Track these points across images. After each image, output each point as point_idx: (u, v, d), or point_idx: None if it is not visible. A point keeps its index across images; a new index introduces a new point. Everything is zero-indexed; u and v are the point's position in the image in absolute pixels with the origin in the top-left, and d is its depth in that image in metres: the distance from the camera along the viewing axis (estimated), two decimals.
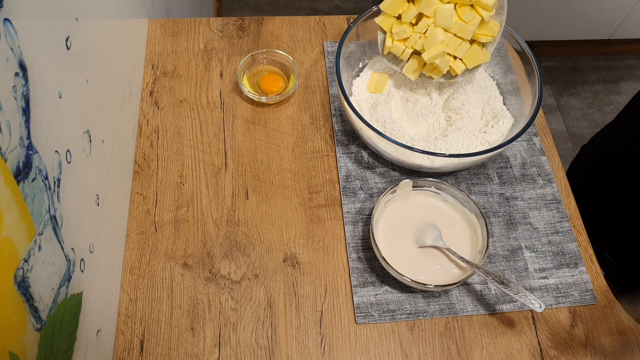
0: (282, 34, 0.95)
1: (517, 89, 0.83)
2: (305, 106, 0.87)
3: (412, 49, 0.78)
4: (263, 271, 0.73)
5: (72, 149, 0.55)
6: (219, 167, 0.80)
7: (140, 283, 0.71)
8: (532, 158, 0.84)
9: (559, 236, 0.77)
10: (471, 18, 0.73)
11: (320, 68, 0.91)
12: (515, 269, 0.74)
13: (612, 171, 0.87)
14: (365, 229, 0.76)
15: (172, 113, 0.85)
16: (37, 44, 0.47)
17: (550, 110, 1.99)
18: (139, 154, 0.81)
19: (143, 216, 0.76)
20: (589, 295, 0.73)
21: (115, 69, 0.73)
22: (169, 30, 0.93)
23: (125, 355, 0.67)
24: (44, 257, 0.47)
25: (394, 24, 0.78)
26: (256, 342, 0.68)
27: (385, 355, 0.68)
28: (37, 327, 0.45)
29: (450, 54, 0.77)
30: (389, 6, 0.75)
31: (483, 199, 0.80)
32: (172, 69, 0.89)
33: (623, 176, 0.84)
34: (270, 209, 0.77)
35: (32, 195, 0.45)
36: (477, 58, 0.77)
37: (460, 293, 0.72)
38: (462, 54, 0.77)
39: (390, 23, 0.78)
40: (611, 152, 0.89)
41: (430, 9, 0.73)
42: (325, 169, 0.81)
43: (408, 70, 0.80)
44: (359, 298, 0.71)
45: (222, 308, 0.70)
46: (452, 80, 0.81)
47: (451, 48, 0.76)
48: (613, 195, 0.86)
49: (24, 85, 0.44)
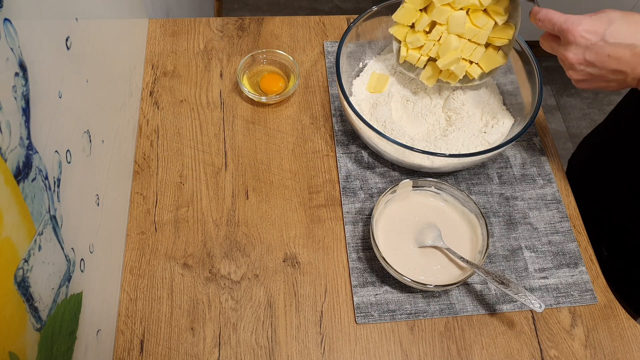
0: (282, 34, 0.95)
1: (517, 89, 0.83)
2: (305, 106, 0.87)
3: (427, 56, 0.79)
4: (263, 271, 0.73)
5: (72, 149, 0.55)
6: (219, 167, 0.80)
7: (140, 283, 0.71)
8: (532, 158, 0.84)
9: (559, 236, 0.77)
10: (484, 23, 0.74)
11: (320, 68, 0.91)
12: (515, 269, 0.74)
13: (607, 166, 0.87)
14: (365, 229, 0.76)
15: (172, 113, 0.85)
16: (37, 44, 0.47)
17: (550, 110, 1.99)
18: (139, 154, 0.81)
19: (143, 216, 0.76)
20: (589, 295, 0.73)
21: (115, 69, 0.73)
22: (169, 30, 0.93)
23: (125, 355, 0.67)
24: (44, 257, 0.47)
25: (408, 33, 0.78)
26: (256, 342, 0.68)
27: (385, 355, 0.68)
28: (37, 327, 0.45)
29: (466, 59, 0.78)
30: (401, 16, 0.76)
31: (483, 199, 0.80)
32: (172, 69, 0.89)
33: (618, 171, 0.84)
34: (270, 209, 0.77)
35: (32, 195, 0.45)
36: (493, 61, 0.77)
37: (460, 293, 0.72)
38: (477, 58, 0.77)
39: (404, 32, 0.79)
40: (605, 147, 0.89)
41: (442, 16, 0.74)
42: (325, 169, 0.81)
43: (424, 77, 0.81)
44: (359, 298, 0.71)
45: (222, 308, 0.70)
46: (470, 84, 0.81)
47: (466, 53, 0.77)
48: (609, 190, 0.86)
49: (24, 85, 0.44)
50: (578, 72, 0.63)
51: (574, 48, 0.61)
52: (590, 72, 0.63)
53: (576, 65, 0.62)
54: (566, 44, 0.62)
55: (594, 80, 0.64)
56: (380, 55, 0.89)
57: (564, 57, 0.63)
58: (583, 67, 0.62)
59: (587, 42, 0.60)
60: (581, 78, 0.64)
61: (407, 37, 0.78)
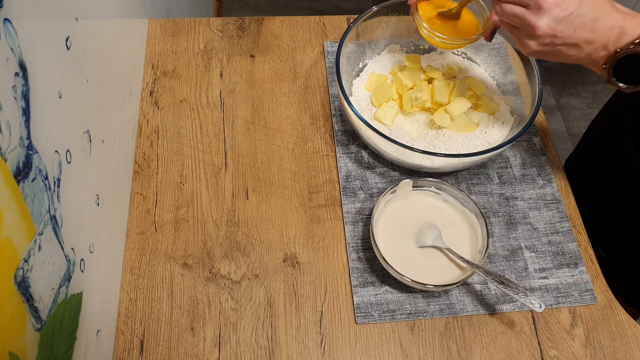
0: (282, 34, 0.95)
1: (517, 89, 0.83)
2: (305, 106, 0.87)
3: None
4: (263, 271, 0.73)
5: (72, 149, 0.55)
6: (219, 167, 0.80)
7: (140, 283, 0.71)
8: (532, 158, 0.84)
9: (559, 236, 0.77)
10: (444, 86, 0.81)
11: (320, 68, 0.91)
12: (515, 269, 0.74)
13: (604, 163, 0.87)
14: (365, 229, 0.76)
15: (172, 113, 0.85)
16: (37, 44, 0.47)
17: (550, 110, 1.99)
18: (139, 154, 0.81)
19: (143, 216, 0.76)
20: (589, 295, 0.73)
21: (115, 69, 0.73)
22: (169, 30, 0.93)
23: (125, 355, 0.67)
24: (44, 257, 0.47)
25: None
26: (256, 342, 0.68)
27: (385, 355, 0.68)
28: (37, 327, 0.45)
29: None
30: (378, 97, 0.83)
31: (483, 199, 0.80)
32: (172, 69, 0.89)
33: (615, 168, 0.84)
34: (270, 209, 0.77)
35: (32, 195, 0.45)
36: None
37: (460, 293, 0.72)
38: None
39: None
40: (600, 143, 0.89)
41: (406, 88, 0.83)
42: (325, 169, 0.81)
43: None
44: (359, 298, 0.71)
45: (222, 308, 0.70)
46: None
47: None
48: (607, 189, 0.86)
49: (24, 85, 0.44)
50: (541, 44, 0.60)
51: (547, 18, 0.58)
52: (553, 42, 0.59)
53: (543, 36, 0.59)
54: (538, 11, 0.58)
55: (550, 54, 0.61)
56: (380, 55, 0.89)
57: (533, 25, 0.59)
58: (549, 40, 0.59)
59: (564, 12, 0.57)
60: (540, 49, 0.61)
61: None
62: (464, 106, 0.79)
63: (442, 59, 0.88)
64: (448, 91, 0.81)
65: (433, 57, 0.89)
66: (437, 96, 0.80)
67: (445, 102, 0.80)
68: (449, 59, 0.89)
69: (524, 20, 0.60)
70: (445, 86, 0.81)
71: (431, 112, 0.82)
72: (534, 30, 0.59)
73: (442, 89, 0.81)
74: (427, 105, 0.81)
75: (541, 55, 0.63)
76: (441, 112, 0.80)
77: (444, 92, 0.81)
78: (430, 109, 0.83)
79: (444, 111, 0.80)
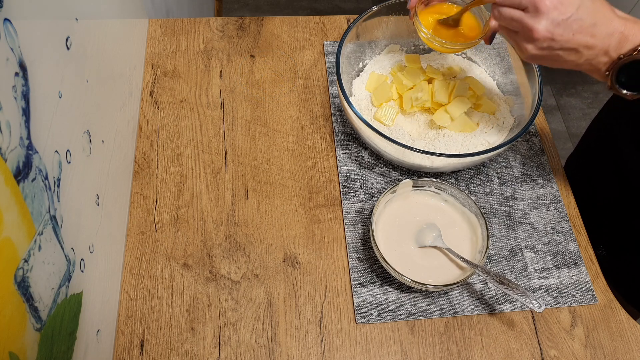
0: (282, 34, 0.95)
1: (517, 89, 0.83)
2: (305, 106, 0.87)
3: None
4: (263, 271, 0.73)
5: (72, 149, 0.55)
6: (219, 167, 0.80)
7: (140, 283, 0.71)
8: (532, 158, 0.84)
9: (559, 236, 0.77)
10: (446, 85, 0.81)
11: (320, 68, 0.91)
12: (515, 269, 0.74)
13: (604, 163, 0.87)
14: (365, 229, 0.76)
15: (172, 113, 0.85)
16: (37, 44, 0.47)
17: (550, 110, 1.99)
18: (139, 154, 0.81)
19: (143, 216, 0.76)
20: (589, 295, 0.73)
21: (115, 69, 0.73)
22: (169, 30, 0.93)
23: (125, 355, 0.67)
24: (44, 257, 0.47)
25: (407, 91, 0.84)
26: (256, 342, 0.68)
27: (385, 355, 0.68)
28: (37, 327, 0.45)
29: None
30: (378, 97, 0.83)
31: (483, 199, 0.80)
32: (172, 69, 0.89)
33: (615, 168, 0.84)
34: (270, 209, 0.77)
35: (32, 195, 0.45)
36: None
37: (460, 293, 0.72)
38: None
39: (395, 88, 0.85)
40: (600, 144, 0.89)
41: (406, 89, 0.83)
42: (325, 169, 0.81)
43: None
44: (359, 298, 0.71)
45: (222, 308, 0.70)
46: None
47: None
48: (607, 188, 0.86)
49: (24, 85, 0.44)
50: (539, 47, 0.60)
51: (545, 21, 0.57)
52: (551, 46, 0.59)
53: (541, 40, 0.59)
54: (536, 14, 0.58)
55: (549, 58, 0.61)
56: (380, 55, 0.89)
57: (531, 28, 0.58)
58: (547, 43, 0.59)
59: (562, 15, 0.57)
60: (539, 54, 0.61)
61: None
62: (463, 106, 0.79)
63: (442, 59, 0.88)
64: (448, 91, 0.81)
65: (433, 57, 0.89)
66: (437, 96, 0.80)
67: (445, 102, 0.80)
68: (449, 59, 0.89)
69: (522, 24, 0.59)
70: (445, 86, 0.81)
71: (431, 112, 0.82)
72: (532, 33, 0.59)
73: (442, 89, 0.81)
74: (427, 105, 0.81)
75: (540, 60, 0.62)
76: (441, 112, 0.80)
77: (444, 92, 0.81)
78: (430, 109, 0.83)
79: (444, 111, 0.80)
